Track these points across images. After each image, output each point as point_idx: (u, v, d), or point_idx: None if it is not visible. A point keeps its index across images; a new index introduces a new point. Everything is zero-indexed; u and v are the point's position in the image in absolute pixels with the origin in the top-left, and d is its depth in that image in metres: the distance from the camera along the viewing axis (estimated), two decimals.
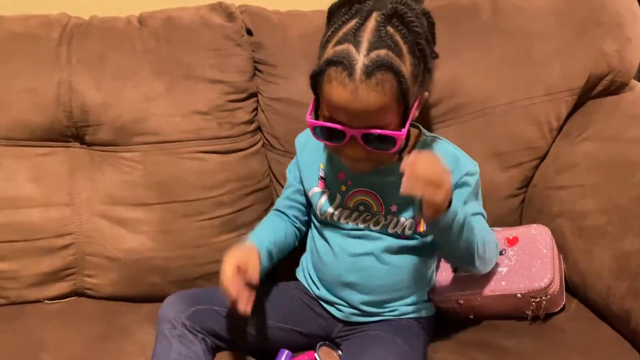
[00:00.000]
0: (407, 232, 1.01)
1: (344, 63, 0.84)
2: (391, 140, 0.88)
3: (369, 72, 0.83)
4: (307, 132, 1.08)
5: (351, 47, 0.85)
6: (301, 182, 1.09)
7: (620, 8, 1.21)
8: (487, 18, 1.20)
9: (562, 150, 1.20)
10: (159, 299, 1.09)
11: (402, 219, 1.00)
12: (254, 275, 0.93)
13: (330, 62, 0.85)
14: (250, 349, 1.06)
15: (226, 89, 1.20)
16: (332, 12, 0.93)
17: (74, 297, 1.22)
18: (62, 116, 1.17)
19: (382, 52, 0.84)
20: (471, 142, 1.18)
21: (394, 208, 1.00)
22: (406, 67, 0.86)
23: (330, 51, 0.88)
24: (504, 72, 1.18)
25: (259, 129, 1.25)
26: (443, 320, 1.09)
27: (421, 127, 1.05)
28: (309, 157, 1.08)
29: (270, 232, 1.06)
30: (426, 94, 0.96)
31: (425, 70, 0.91)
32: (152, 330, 1.05)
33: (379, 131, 0.87)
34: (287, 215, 1.12)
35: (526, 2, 1.21)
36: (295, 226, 1.12)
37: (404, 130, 0.88)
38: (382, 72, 0.83)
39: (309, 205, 1.11)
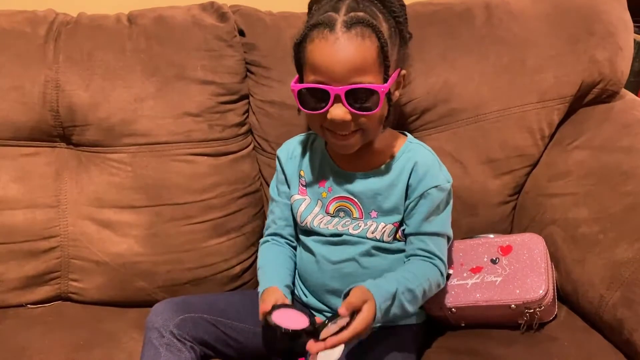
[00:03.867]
0: (387, 238, 1.02)
1: (324, 23, 0.90)
2: (374, 97, 0.90)
3: (348, 25, 0.89)
4: (287, 144, 1.10)
5: (331, 12, 0.91)
6: (289, 194, 1.08)
7: (612, 17, 1.22)
8: (481, 24, 1.20)
9: (554, 158, 1.20)
10: (146, 304, 1.07)
11: (382, 224, 1.01)
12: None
13: (313, 26, 0.91)
14: (239, 357, 1.04)
15: (217, 91, 1.18)
16: (311, 7, 1.00)
17: (59, 302, 1.19)
18: (48, 116, 1.14)
19: (360, 13, 0.91)
20: (464, 148, 1.19)
21: (373, 214, 1.02)
22: (383, 29, 0.92)
23: (311, 22, 0.93)
24: (497, 79, 1.18)
25: (250, 131, 1.24)
26: (435, 327, 1.08)
27: (409, 135, 1.06)
28: (292, 166, 1.08)
29: (283, 270, 1.06)
30: (404, 72, 0.99)
31: (401, 41, 0.97)
32: (139, 336, 1.03)
33: (360, 85, 0.90)
34: (283, 237, 1.10)
35: (520, 10, 1.21)
36: (292, 246, 1.11)
37: (386, 85, 0.91)
38: (361, 26, 0.89)
39: None
